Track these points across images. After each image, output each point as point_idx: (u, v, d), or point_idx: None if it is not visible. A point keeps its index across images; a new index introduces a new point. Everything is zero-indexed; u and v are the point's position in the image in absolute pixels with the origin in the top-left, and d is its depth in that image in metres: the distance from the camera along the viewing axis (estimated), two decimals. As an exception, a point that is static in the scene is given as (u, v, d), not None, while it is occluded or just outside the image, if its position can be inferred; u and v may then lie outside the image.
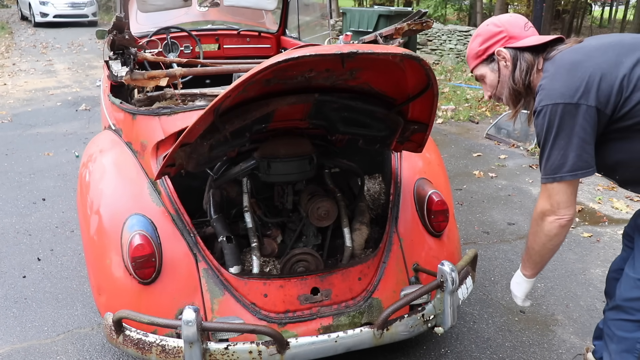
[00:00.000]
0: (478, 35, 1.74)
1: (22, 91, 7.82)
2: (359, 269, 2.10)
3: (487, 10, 17.55)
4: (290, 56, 1.41)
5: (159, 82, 2.51)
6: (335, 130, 2.10)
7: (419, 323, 1.95)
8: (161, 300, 1.94)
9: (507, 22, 1.69)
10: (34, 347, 2.46)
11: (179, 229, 2.04)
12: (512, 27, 1.68)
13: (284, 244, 2.36)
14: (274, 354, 1.76)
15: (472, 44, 1.77)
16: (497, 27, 1.69)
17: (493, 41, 1.70)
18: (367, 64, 1.65)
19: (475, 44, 1.75)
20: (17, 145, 5.37)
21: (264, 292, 1.98)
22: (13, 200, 4.06)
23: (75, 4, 15.57)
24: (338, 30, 11.18)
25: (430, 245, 2.27)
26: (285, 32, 4.78)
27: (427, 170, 2.50)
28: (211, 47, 4.78)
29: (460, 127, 6.38)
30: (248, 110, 1.75)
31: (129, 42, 2.52)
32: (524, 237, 3.56)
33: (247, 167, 2.17)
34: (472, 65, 1.80)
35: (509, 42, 1.67)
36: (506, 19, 1.71)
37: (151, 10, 4.07)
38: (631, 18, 15.58)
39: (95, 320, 2.63)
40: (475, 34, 1.77)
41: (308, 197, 2.23)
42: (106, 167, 2.34)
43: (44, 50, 11.69)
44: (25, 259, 3.21)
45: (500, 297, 2.88)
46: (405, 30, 2.86)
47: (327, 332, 1.92)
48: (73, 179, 4.37)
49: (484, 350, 2.47)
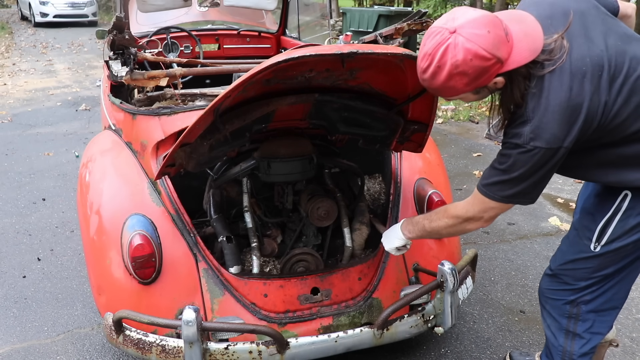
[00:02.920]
0: (459, 74, 1.34)
1: (22, 91, 7.82)
2: (359, 269, 2.10)
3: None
4: (290, 56, 1.41)
5: (159, 82, 2.51)
6: (335, 130, 2.10)
7: (419, 323, 1.95)
8: (161, 300, 1.94)
9: (492, 46, 1.31)
10: (34, 347, 2.46)
11: (179, 229, 2.04)
12: (500, 48, 1.33)
13: (284, 244, 2.37)
14: (274, 354, 1.76)
15: (451, 82, 1.37)
16: (486, 60, 1.32)
17: (484, 77, 1.37)
18: (367, 64, 1.65)
19: (456, 83, 1.37)
20: (17, 145, 5.37)
21: (264, 292, 1.98)
22: (13, 200, 4.06)
23: (75, 4, 15.58)
24: (338, 30, 11.17)
25: (430, 245, 2.27)
26: (285, 32, 4.78)
27: (427, 170, 2.50)
28: (211, 47, 4.78)
29: (460, 127, 6.38)
30: (248, 110, 1.75)
31: (129, 42, 2.52)
32: (524, 237, 3.56)
33: (247, 167, 2.17)
34: (448, 97, 1.50)
35: (501, 69, 1.37)
36: (489, 40, 1.31)
37: (151, 10, 4.07)
38: (631, 18, 15.57)
39: (95, 320, 2.63)
40: (449, 71, 1.34)
41: (308, 197, 2.23)
42: (106, 167, 2.34)
43: (44, 50, 11.69)
44: (25, 259, 3.21)
45: (500, 297, 2.88)
46: (405, 30, 2.86)
47: (327, 332, 1.92)
48: (73, 179, 4.37)
49: (484, 350, 2.47)
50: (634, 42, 1.50)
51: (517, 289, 2.97)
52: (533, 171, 1.46)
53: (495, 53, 1.32)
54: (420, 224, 1.83)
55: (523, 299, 2.88)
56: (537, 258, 3.30)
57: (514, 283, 3.02)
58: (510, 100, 1.45)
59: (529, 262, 3.25)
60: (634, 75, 1.45)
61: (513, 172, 1.47)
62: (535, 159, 1.43)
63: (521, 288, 2.97)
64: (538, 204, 4.08)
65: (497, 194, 1.54)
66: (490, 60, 1.33)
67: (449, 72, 1.35)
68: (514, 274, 3.12)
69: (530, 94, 1.42)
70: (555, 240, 3.49)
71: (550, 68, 1.39)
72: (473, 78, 1.36)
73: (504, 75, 1.39)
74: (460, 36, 1.31)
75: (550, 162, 1.45)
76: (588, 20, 1.47)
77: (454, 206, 1.73)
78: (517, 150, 1.44)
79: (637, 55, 1.47)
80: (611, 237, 1.65)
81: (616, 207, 1.62)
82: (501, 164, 1.50)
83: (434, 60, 1.35)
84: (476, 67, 1.33)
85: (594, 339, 1.84)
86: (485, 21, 1.32)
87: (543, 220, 3.83)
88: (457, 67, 1.33)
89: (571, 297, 1.80)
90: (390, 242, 1.94)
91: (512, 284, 3.01)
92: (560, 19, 1.44)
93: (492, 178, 1.55)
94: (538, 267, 3.18)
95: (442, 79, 1.37)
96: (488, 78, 1.37)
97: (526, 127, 1.41)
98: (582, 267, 1.74)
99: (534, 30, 1.40)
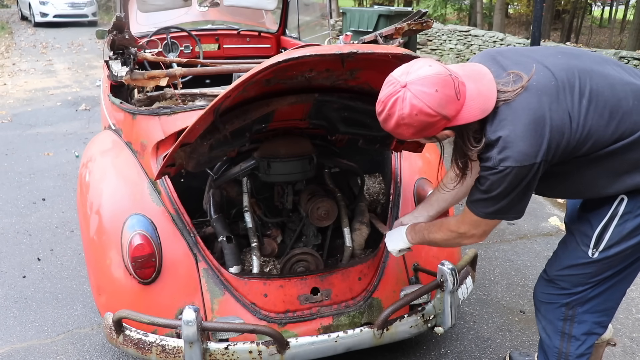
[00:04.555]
0: (405, 125, 1.41)
1: (22, 91, 7.82)
2: (359, 269, 2.10)
3: (487, 10, 17.56)
4: (290, 56, 1.41)
5: (159, 82, 2.51)
6: (336, 130, 2.10)
7: (419, 323, 1.95)
8: (161, 300, 1.94)
9: (438, 105, 1.36)
10: (34, 347, 2.46)
11: (179, 229, 2.04)
12: (446, 107, 1.38)
13: (284, 244, 2.37)
14: (274, 354, 1.76)
15: (399, 130, 1.44)
16: (431, 117, 1.38)
17: (430, 130, 1.43)
18: (367, 64, 1.65)
19: (403, 132, 1.44)
20: (17, 145, 5.36)
21: (264, 292, 1.98)
22: (13, 200, 4.06)
23: (75, 4, 15.57)
24: (338, 30, 11.18)
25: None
26: (285, 32, 4.78)
27: (427, 170, 2.50)
28: (211, 47, 4.77)
29: (460, 127, 6.38)
30: (248, 110, 1.76)
31: (129, 42, 2.52)
32: (524, 237, 3.57)
33: (247, 167, 2.17)
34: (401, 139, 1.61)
35: (449, 124, 1.42)
36: (435, 99, 1.36)
37: (151, 10, 4.07)
38: (631, 18, 15.58)
39: (95, 320, 2.63)
40: (397, 121, 1.41)
41: (308, 197, 2.23)
42: (106, 167, 2.34)
43: (44, 50, 11.68)
44: (25, 259, 3.21)
45: (500, 297, 2.88)
46: (405, 30, 2.86)
47: (327, 332, 1.92)
48: (73, 179, 4.37)
49: (484, 350, 2.47)
50: (574, 57, 1.56)
51: (517, 289, 2.97)
52: (510, 189, 1.48)
53: (439, 111, 1.38)
54: (420, 233, 1.88)
55: (523, 299, 2.88)
56: (537, 258, 3.30)
57: (514, 283, 3.02)
58: (460, 153, 1.52)
59: (529, 262, 3.25)
60: (587, 86, 1.49)
61: (492, 192, 1.50)
62: (509, 178, 1.45)
63: (521, 288, 2.97)
64: (538, 204, 4.09)
65: (481, 210, 1.59)
66: (435, 117, 1.39)
67: (397, 122, 1.42)
68: (514, 274, 3.12)
69: (490, 119, 1.45)
70: (556, 240, 3.47)
71: (506, 100, 1.45)
72: (419, 130, 1.42)
73: (453, 129, 1.45)
74: (409, 91, 1.38)
75: (526, 179, 1.47)
76: (528, 51, 1.61)
77: (449, 221, 1.78)
78: (490, 172, 1.47)
79: (584, 68, 1.52)
80: (609, 243, 1.64)
81: (612, 212, 1.62)
82: (481, 185, 1.53)
83: (385, 108, 1.43)
84: (421, 121, 1.40)
85: (589, 339, 1.84)
86: (435, 80, 1.37)
87: (543, 220, 3.83)
88: (403, 118, 1.40)
89: (567, 300, 1.80)
90: (395, 244, 1.97)
91: (512, 284, 3.01)
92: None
93: (474, 196, 1.58)
94: (538, 267, 3.18)
95: (391, 125, 1.44)
96: (434, 131, 1.44)
97: (494, 151, 1.44)
98: (580, 272, 1.73)
99: (488, 90, 1.45)
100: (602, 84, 1.50)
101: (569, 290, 1.78)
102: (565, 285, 1.79)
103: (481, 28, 13.03)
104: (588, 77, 1.51)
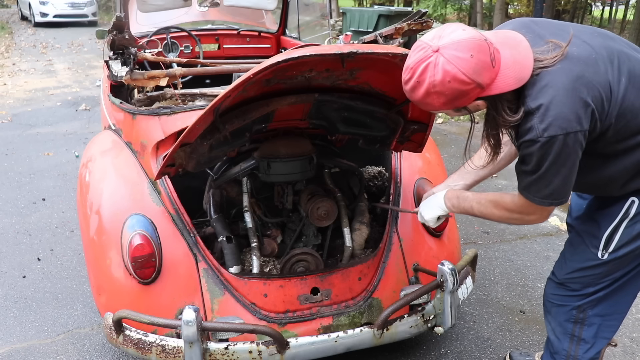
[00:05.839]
0: (436, 93, 1.32)
1: (22, 91, 7.82)
2: (359, 269, 2.10)
3: (487, 10, 17.57)
4: (290, 56, 1.41)
5: (159, 82, 2.51)
6: (336, 130, 2.10)
7: (419, 323, 1.95)
8: (161, 300, 1.94)
9: (473, 72, 1.28)
10: (34, 347, 2.46)
11: (179, 229, 2.04)
12: (481, 74, 1.30)
13: (284, 244, 2.36)
14: (274, 354, 1.76)
15: (428, 99, 1.35)
16: (465, 84, 1.29)
17: (463, 99, 1.34)
18: (367, 64, 1.65)
19: (433, 101, 1.35)
20: (17, 145, 5.36)
21: (264, 292, 1.98)
22: (13, 200, 4.06)
23: (75, 4, 15.57)
24: (338, 30, 11.17)
25: (430, 245, 2.27)
26: (285, 32, 4.78)
27: (427, 170, 2.50)
28: (211, 47, 4.77)
29: (460, 127, 6.38)
30: (248, 110, 1.75)
31: (129, 42, 2.52)
32: (524, 237, 3.57)
33: (247, 167, 2.17)
34: (428, 110, 1.47)
35: (482, 94, 1.34)
36: (470, 65, 1.28)
37: (151, 10, 4.07)
38: (631, 18, 15.58)
39: (95, 320, 2.63)
40: (427, 89, 1.32)
41: (308, 197, 2.23)
42: (106, 167, 2.34)
43: (44, 50, 11.68)
44: (25, 259, 3.21)
45: (500, 297, 2.88)
46: (405, 30, 2.86)
47: (327, 332, 1.92)
48: (73, 179, 4.37)
49: (484, 350, 2.47)
50: (609, 38, 1.51)
51: (517, 289, 2.97)
52: (560, 163, 1.39)
53: (474, 78, 1.29)
54: (467, 202, 1.74)
55: (523, 299, 2.88)
56: (537, 258, 3.30)
57: (514, 283, 3.02)
58: (492, 125, 1.43)
59: (529, 262, 3.25)
60: (625, 67, 1.44)
61: (540, 169, 1.41)
62: (555, 149, 1.36)
63: (521, 288, 2.97)
64: (538, 204, 4.08)
65: (536, 196, 1.49)
66: (469, 85, 1.30)
67: (427, 90, 1.33)
68: (514, 274, 3.12)
69: (529, 87, 1.37)
70: (555, 240, 3.49)
71: (545, 67, 1.38)
72: (450, 99, 1.33)
73: (486, 99, 1.36)
74: (442, 56, 1.29)
75: (574, 150, 1.38)
76: (564, 25, 1.51)
77: (504, 199, 1.64)
78: (534, 146, 1.37)
79: (620, 49, 1.48)
80: (619, 244, 1.63)
81: (623, 214, 1.60)
82: (527, 164, 1.44)
83: (414, 75, 1.34)
84: (454, 89, 1.31)
85: (598, 343, 1.83)
86: (471, 45, 1.29)
87: (543, 220, 3.83)
88: (434, 86, 1.31)
89: (578, 303, 1.79)
90: (432, 212, 1.85)
91: (512, 284, 3.01)
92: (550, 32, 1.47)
93: (524, 181, 1.50)
94: (538, 267, 3.18)
95: (420, 94, 1.35)
96: (467, 100, 1.35)
97: (534, 120, 1.35)
98: (590, 274, 1.73)
99: (524, 58, 1.37)
100: (638, 67, 1.46)
101: (580, 291, 1.77)
102: (576, 287, 1.78)
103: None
104: (626, 58, 1.45)
